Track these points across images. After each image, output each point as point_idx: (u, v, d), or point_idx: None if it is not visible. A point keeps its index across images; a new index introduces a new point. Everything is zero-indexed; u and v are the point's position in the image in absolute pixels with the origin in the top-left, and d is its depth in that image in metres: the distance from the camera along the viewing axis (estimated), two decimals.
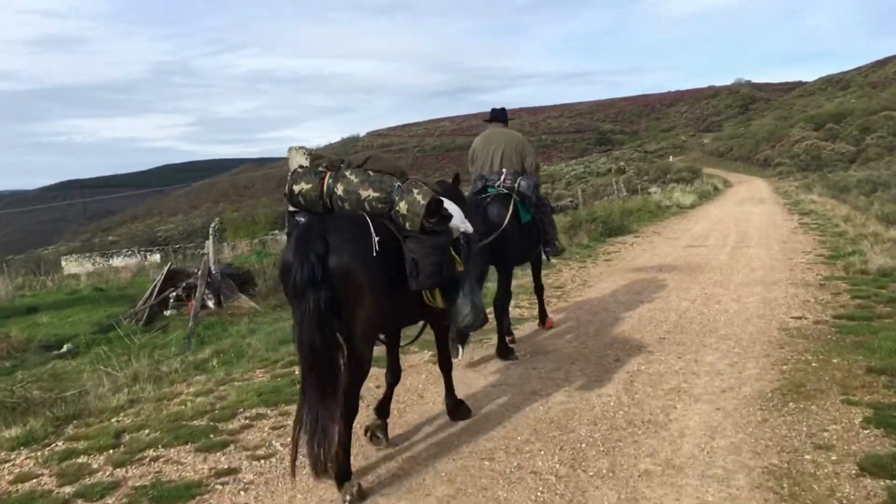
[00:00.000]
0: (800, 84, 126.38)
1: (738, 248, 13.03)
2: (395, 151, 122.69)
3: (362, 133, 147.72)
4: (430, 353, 5.86)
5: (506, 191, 5.92)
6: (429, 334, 4.52)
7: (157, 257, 31.64)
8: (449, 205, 3.86)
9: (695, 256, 12.11)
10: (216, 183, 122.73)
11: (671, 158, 70.16)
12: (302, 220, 3.60)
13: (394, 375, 4.26)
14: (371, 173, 3.59)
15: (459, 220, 4.02)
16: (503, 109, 6.56)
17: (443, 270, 3.61)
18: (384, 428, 4.16)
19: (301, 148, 29.68)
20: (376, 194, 3.51)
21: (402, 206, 3.50)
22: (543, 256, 6.76)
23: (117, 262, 32.06)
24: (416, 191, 3.53)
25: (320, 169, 3.65)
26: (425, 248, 3.53)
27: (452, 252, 3.84)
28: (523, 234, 5.99)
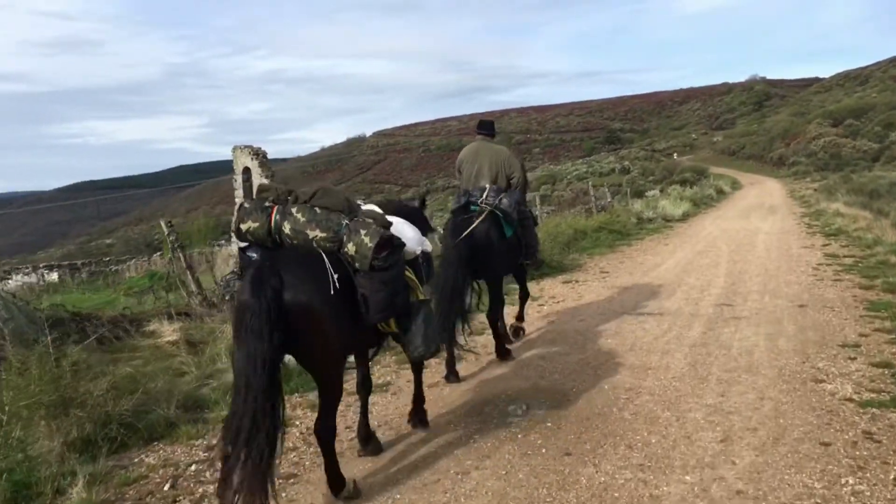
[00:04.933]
0: (816, 80, 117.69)
1: (718, 324, 6.84)
2: (399, 151, 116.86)
3: (368, 133, 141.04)
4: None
5: (487, 207, 5.75)
6: None
7: (55, 276, 26.01)
8: (402, 228, 3.79)
9: (622, 356, 5.89)
10: (220, 184, 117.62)
11: (675, 156, 63.37)
12: (254, 255, 3.42)
13: (366, 388, 4.17)
14: (318, 211, 3.39)
15: (416, 242, 3.94)
16: (491, 122, 6.52)
17: (394, 304, 3.47)
18: (369, 441, 4.09)
19: (246, 147, 23.15)
20: (324, 234, 3.36)
21: (351, 248, 3.37)
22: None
23: (14, 282, 26.52)
24: (363, 231, 3.37)
25: (266, 204, 3.42)
26: (374, 284, 3.40)
27: (411, 276, 3.81)
28: (506, 247, 5.86)
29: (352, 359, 4.16)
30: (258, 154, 33.94)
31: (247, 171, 34.28)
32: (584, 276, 10.55)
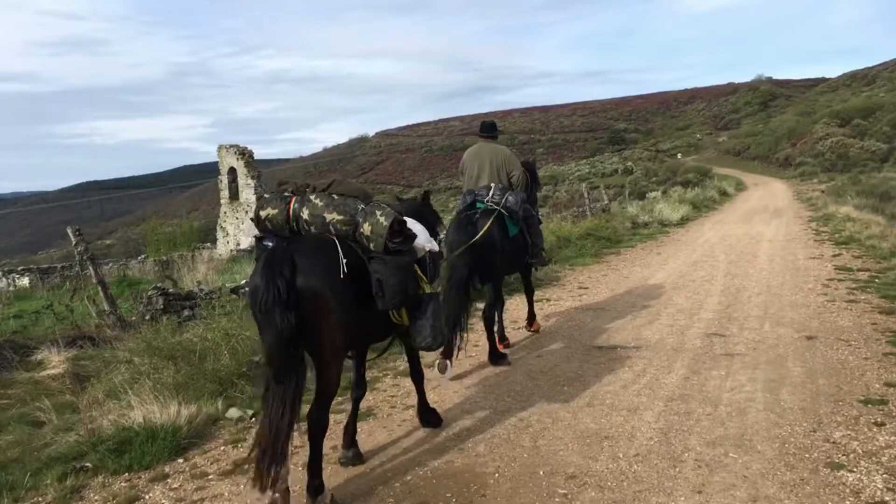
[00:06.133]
0: (823, 80, 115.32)
1: (706, 365, 5.44)
2: (402, 152, 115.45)
3: (371, 133, 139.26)
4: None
5: (493, 206, 5.77)
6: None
7: (25, 281, 24.74)
8: (413, 224, 3.84)
9: (575, 416, 4.48)
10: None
11: (679, 156, 61.81)
12: (270, 244, 3.49)
13: (360, 389, 4.10)
14: (335, 197, 3.50)
15: (425, 240, 3.98)
16: (492, 124, 6.47)
17: (407, 290, 3.52)
18: (353, 458, 3.93)
19: (232, 147, 22.05)
20: (340, 217, 3.43)
21: (366, 228, 3.43)
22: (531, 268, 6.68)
23: None
24: (378, 213, 3.45)
25: (286, 194, 3.57)
26: (389, 269, 3.44)
27: (418, 272, 3.82)
28: (511, 246, 5.87)
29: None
30: (244, 154, 32.65)
31: (232, 171, 33.04)
32: (559, 292, 9.14)
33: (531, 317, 6.92)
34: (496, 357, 5.78)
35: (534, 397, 4.86)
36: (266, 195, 3.63)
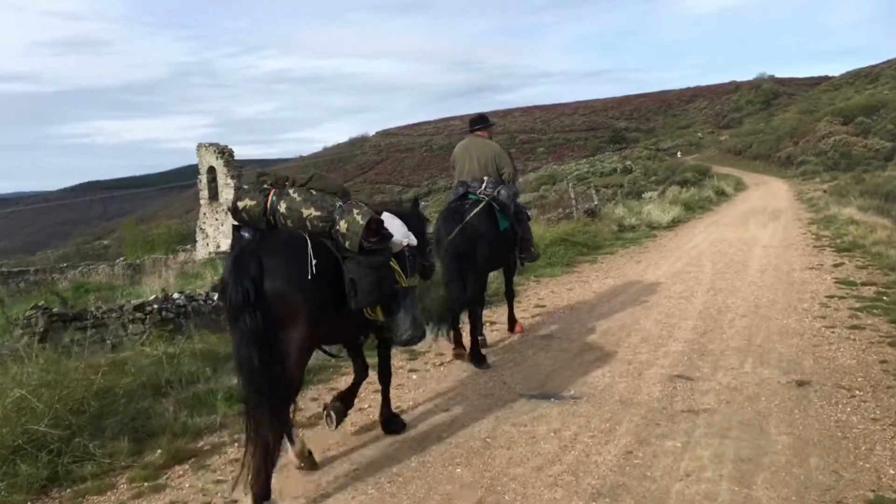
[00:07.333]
0: (826, 79, 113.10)
1: (659, 429, 4.01)
2: (402, 151, 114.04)
3: (372, 132, 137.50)
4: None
5: (485, 198, 5.73)
6: None
7: None
8: (390, 221, 3.81)
9: None
10: None
11: (679, 155, 60.24)
12: (246, 235, 3.49)
13: (362, 371, 4.19)
14: (314, 192, 3.47)
15: (402, 235, 3.95)
16: (481, 116, 6.44)
17: (381, 289, 3.49)
18: (341, 412, 4.05)
19: (212, 146, 20.18)
20: (318, 213, 3.40)
21: (343, 225, 3.39)
22: (518, 263, 6.50)
23: None
24: (356, 211, 3.42)
25: (265, 186, 3.52)
26: (362, 269, 3.42)
27: (396, 267, 3.78)
28: (500, 240, 5.81)
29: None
30: (224, 152, 31.19)
31: (212, 170, 31.63)
32: (519, 307, 7.69)
33: (511, 318, 6.73)
34: (478, 358, 5.58)
35: (408, 488, 3.43)
36: (245, 186, 3.54)
